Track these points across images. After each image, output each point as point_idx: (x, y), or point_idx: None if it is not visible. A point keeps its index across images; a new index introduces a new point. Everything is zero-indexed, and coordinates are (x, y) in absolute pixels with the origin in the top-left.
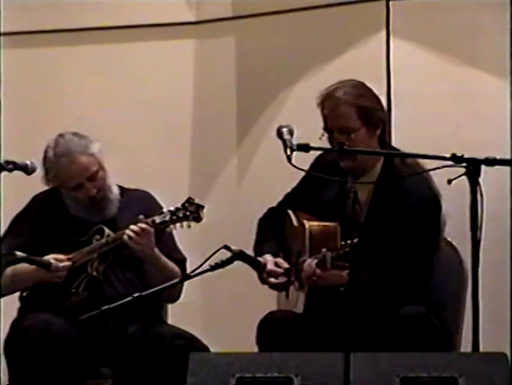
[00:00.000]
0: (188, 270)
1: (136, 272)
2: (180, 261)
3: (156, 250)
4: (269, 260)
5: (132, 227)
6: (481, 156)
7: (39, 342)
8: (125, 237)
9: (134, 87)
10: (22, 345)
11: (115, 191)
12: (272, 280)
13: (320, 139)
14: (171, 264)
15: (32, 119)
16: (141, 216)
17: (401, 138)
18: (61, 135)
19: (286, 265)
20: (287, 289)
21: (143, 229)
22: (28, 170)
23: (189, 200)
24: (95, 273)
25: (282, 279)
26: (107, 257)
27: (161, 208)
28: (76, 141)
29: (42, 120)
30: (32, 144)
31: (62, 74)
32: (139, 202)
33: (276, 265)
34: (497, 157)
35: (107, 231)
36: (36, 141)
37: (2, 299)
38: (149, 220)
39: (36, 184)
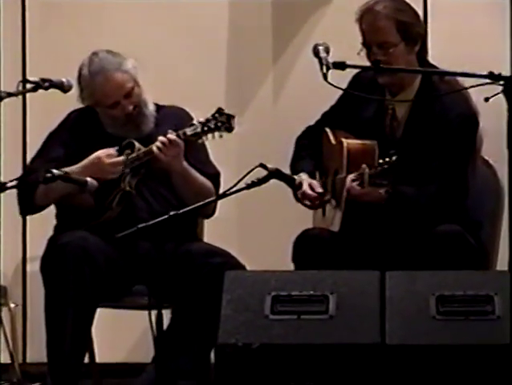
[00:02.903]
0: (223, 186)
1: (170, 187)
2: (214, 176)
3: (185, 164)
4: (304, 179)
5: (161, 138)
6: None
7: (76, 258)
8: (154, 148)
9: (168, 3)
10: (58, 262)
11: (151, 107)
12: (306, 202)
13: (358, 54)
14: (201, 178)
15: (64, 37)
16: (170, 130)
17: (438, 54)
18: (95, 54)
19: (320, 190)
20: (324, 207)
21: (171, 140)
22: (64, 88)
23: (220, 111)
24: (128, 188)
25: (315, 202)
26: (139, 171)
27: None
28: (110, 59)
29: (74, 38)
30: (65, 63)
31: None
32: (174, 118)
33: (310, 187)
34: None
35: (137, 145)
36: (68, 59)
37: (39, 216)
38: (180, 132)
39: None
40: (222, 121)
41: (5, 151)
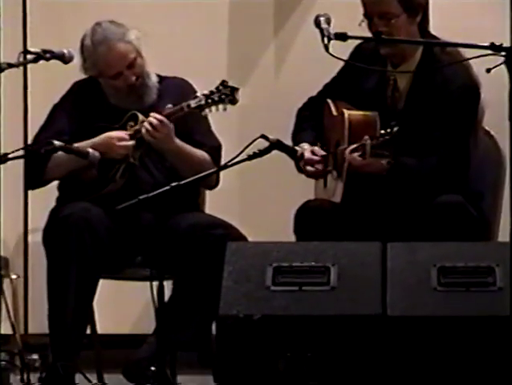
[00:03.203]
0: (224, 157)
1: None
2: (215, 148)
3: (178, 141)
4: (306, 148)
5: (150, 119)
6: None
7: (78, 230)
8: (143, 130)
9: None
10: (61, 233)
11: (154, 78)
12: (309, 168)
13: (360, 25)
14: (197, 153)
15: (65, 7)
16: (169, 105)
17: (439, 25)
18: (98, 24)
19: (323, 153)
20: (325, 179)
21: (160, 121)
22: (65, 59)
23: (223, 83)
24: (131, 160)
25: (318, 167)
26: (143, 143)
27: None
28: (113, 29)
29: (76, 9)
30: (66, 33)
31: None
32: (177, 89)
33: (312, 153)
34: None
35: (140, 117)
36: (70, 30)
37: (42, 188)
38: (184, 104)
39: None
40: (226, 93)
41: (6, 122)
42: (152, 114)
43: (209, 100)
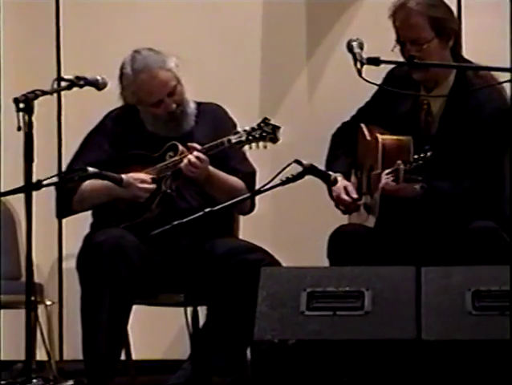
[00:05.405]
0: (258, 183)
1: None
2: (250, 174)
3: (211, 168)
4: (339, 181)
5: (190, 157)
6: None
7: (111, 256)
8: (183, 166)
9: (202, 1)
10: (94, 259)
11: (192, 105)
12: (341, 207)
13: (392, 51)
14: (232, 178)
15: (98, 35)
16: (198, 146)
17: (471, 49)
18: (137, 52)
19: (355, 195)
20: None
21: (199, 159)
22: (99, 85)
23: (265, 121)
24: (168, 190)
25: (350, 206)
26: (180, 174)
27: (233, 121)
28: (154, 56)
29: (108, 36)
30: (100, 60)
31: None
32: (212, 115)
33: (346, 191)
34: None
35: (180, 148)
36: (105, 57)
37: (76, 215)
38: (225, 139)
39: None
40: (268, 131)
41: (40, 149)
42: (191, 147)
43: (250, 137)
